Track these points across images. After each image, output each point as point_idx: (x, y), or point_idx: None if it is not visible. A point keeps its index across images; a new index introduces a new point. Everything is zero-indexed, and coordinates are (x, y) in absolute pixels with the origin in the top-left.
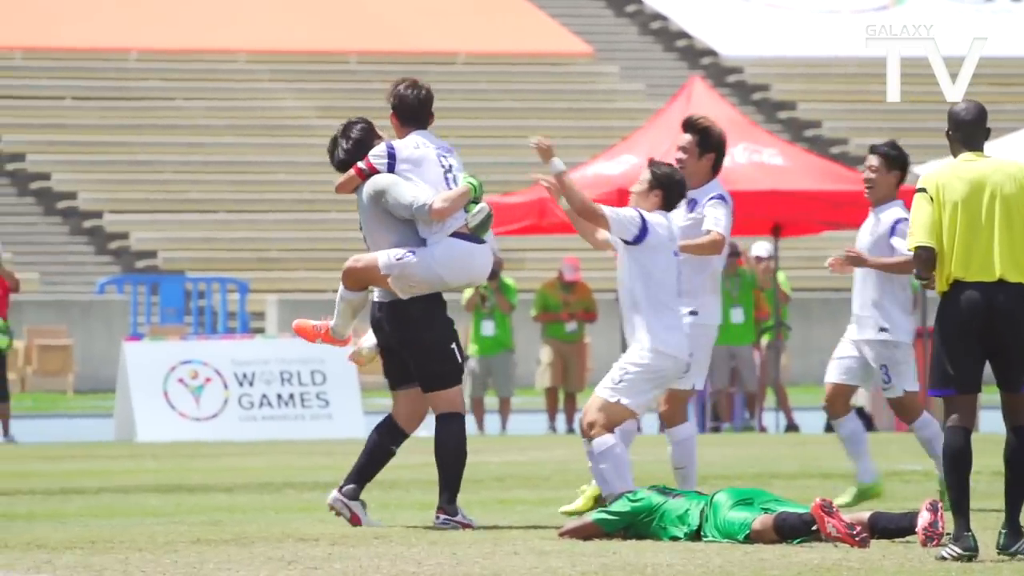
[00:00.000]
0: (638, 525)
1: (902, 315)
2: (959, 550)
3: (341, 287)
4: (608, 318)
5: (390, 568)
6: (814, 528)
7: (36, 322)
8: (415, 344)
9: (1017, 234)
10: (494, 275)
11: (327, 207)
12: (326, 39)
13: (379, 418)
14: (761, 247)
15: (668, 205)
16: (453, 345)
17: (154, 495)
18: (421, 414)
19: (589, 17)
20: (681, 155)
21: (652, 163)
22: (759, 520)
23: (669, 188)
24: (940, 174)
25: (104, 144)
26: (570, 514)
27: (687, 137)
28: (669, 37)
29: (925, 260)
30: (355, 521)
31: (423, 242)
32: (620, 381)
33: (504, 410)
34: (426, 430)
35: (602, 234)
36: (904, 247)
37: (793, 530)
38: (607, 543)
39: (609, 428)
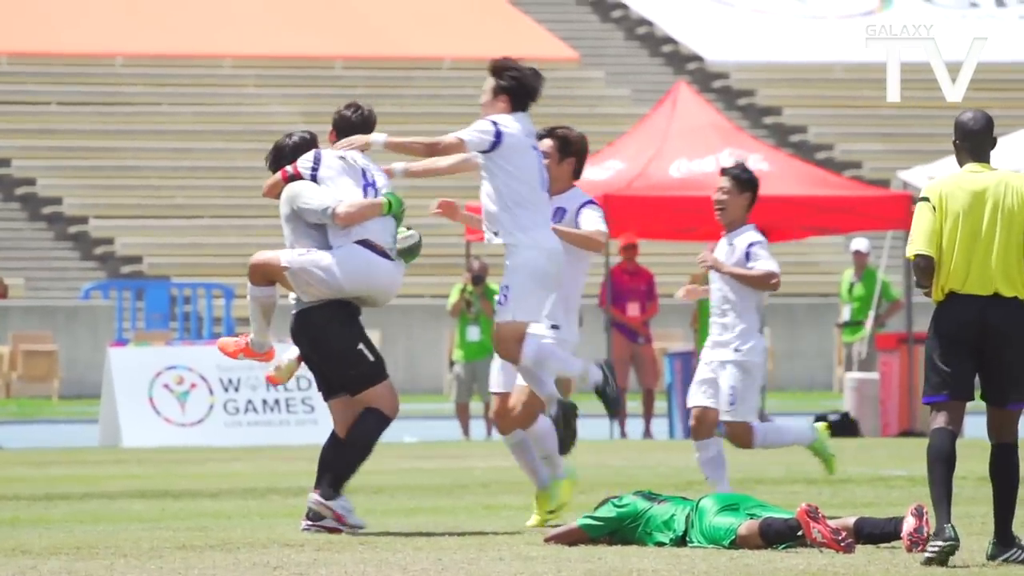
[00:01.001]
0: (624, 530)
1: (761, 339)
2: (940, 543)
3: (249, 285)
4: (593, 322)
5: (375, 573)
6: (799, 533)
7: (21, 327)
8: (322, 351)
9: (1013, 249)
10: (479, 280)
11: None
12: (312, 45)
13: None
14: (860, 243)
15: (517, 107)
16: (361, 346)
17: (139, 501)
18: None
19: (575, 23)
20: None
21: (493, 70)
22: (745, 525)
23: (514, 91)
24: (944, 184)
25: (90, 149)
26: (547, 522)
27: (548, 142)
28: (655, 42)
29: (923, 268)
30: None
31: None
32: (506, 302)
33: (489, 416)
34: (410, 436)
35: (454, 158)
36: (763, 266)
37: (779, 535)
38: (592, 548)
39: (520, 343)
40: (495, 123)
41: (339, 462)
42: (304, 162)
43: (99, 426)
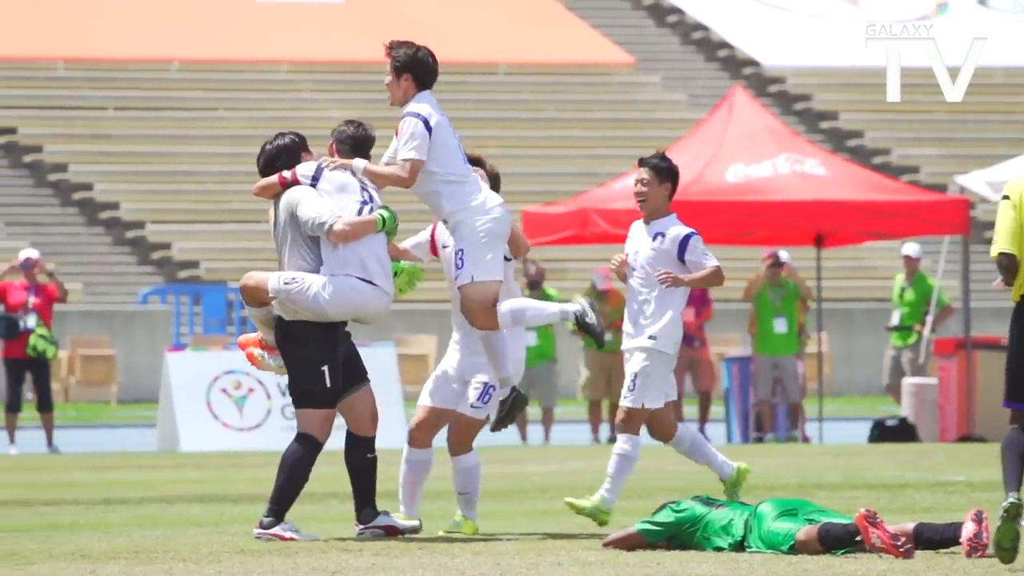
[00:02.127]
0: (682, 535)
1: (674, 328)
2: (1004, 506)
3: (245, 305)
4: None
5: None
6: (858, 539)
7: (79, 332)
8: (287, 357)
9: None
10: (536, 285)
11: None
12: (368, 49)
13: None
14: (911, 247)
15: (421, 84)
16: (325, 368)
17: (197, 505)
18: (370, 412)
19: (631, 27)
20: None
21: (388, 47)
22: (803, 531)
23: (413, 67)
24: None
25: (146, 154)
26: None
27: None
28: (711, 47)
29: (1006, 267)
30: (391, 531)
31: (319, 264)
32: (464, 264)
33: (547, 420)
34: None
35: None
36: (711, 263)
37: (837, 541)
38: (651, 553)
39: (494, 309)
40: (420, 116)
41: (277, 490)
42: (305, 170)
43: (157, 431)
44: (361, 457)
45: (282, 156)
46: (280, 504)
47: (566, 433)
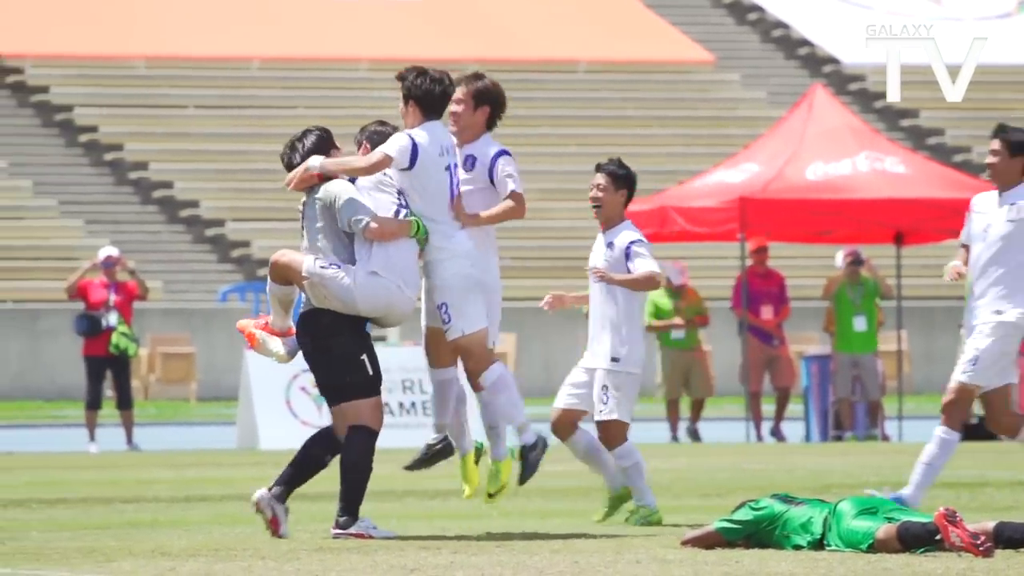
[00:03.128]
0: (760, 534)
1: (637, 343)
2: None
3: (268, 281)
4: (726, 325)
5: None
6: (938, 537)
7: (159, 330)
8: (323, 353)
9: None
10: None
11: None
12: (447, 47)
13: None
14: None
15: (427, 114)
16: (364, 356)
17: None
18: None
19: (711, 25)
20: (456, 107)
21: (398, 76)
22: (883, 529)
23: (418, 97)
24: None
25: (226, 152)
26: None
27: (463, 89)
28: (791, 45)
29: None
30: (274, 524)
31: (353, 260)
32: (451, 319)
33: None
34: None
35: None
36: (644, 267)
37: (917, 539)
38: (729, 552)
39: (488, 351)
40: (412, 139)
41: (346, 488)
42: None
43: (236, 428)
44: (319, 455)
45: (314, 153)
46: (351, 501)
47: (644, 431)
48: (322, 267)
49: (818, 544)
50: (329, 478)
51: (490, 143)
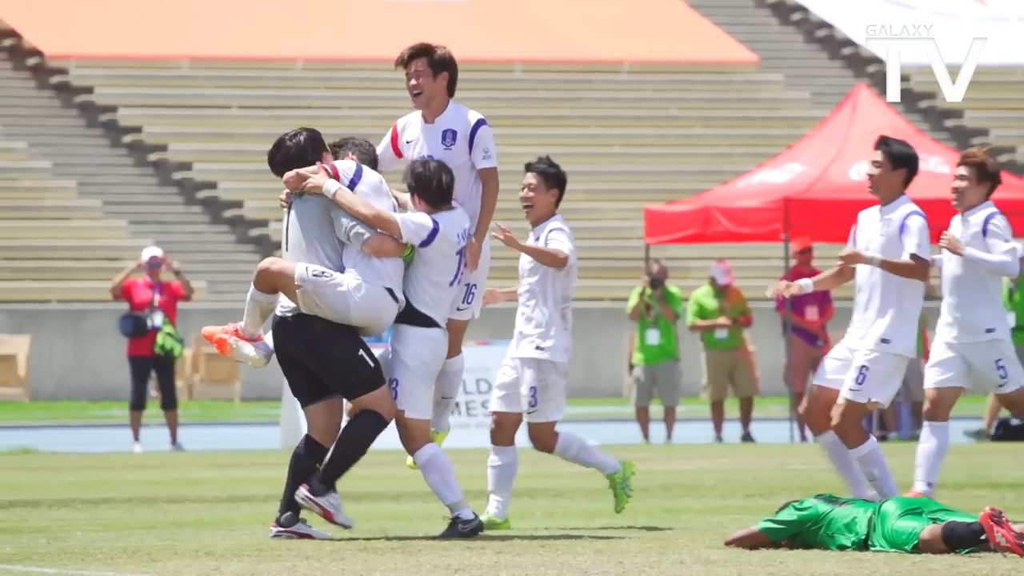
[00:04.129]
0: (805, 534)
1: (565, 337)
2: None
3: (252, 287)
4: (770, 326)
5: None
6: (983, 538)
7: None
8: (323, 359)
9: None
10: (658, 284)
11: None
12: (492, 47)
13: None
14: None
15: (433, 204)
16: (361, 352)
17: None
18: (336, 426)
19: (754, 25)
20: (415, 80)
21: (410, 171)
22: (927, 530)
23: (420, 188)
24: None
25: None
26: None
27: (418, 62)
28: (835, 45)
29: None
30: (306, 536)
31: (342, 268)
32: (398, 393)
33: (669, 419)
34: (590, 439)
35: None
36: (554, 245)
37: (962, 540)
38: (774, 552)
39: (424, 440)
40: (436, 223)
41: (334, 459)
42: (346, 169)
43: (280, 428)
44: (310, 464)
45: (310, 150)
46: (332, 474)
47: (689, 432)
48: (315, 275)
49: (863, 544)
50: (384, 478)
51: (463, 111)
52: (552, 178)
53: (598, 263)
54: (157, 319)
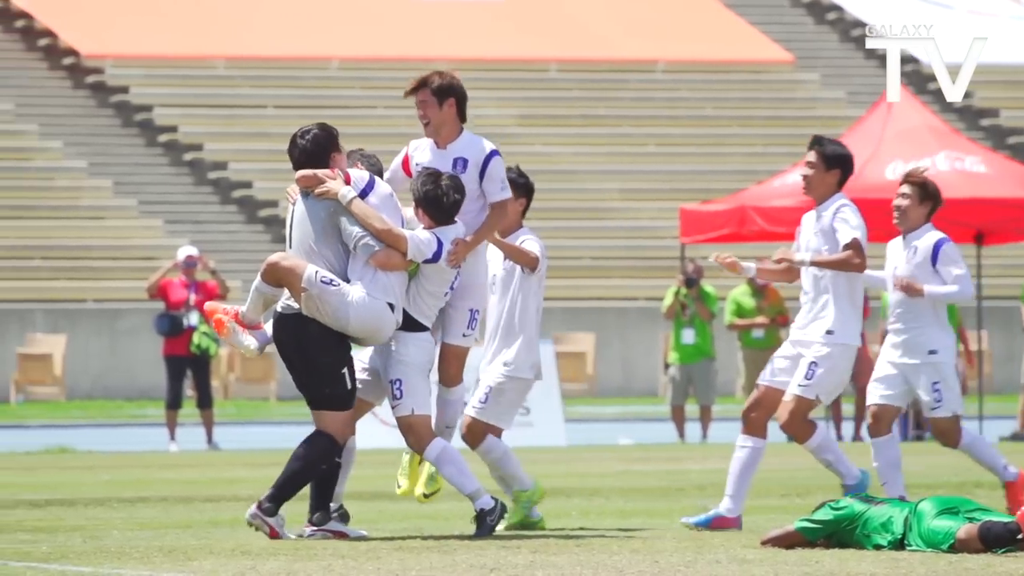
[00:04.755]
0: (841, 533)
1: (528, 351)
2: None
3: (258, 278)
4: None
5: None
6: (1020, 537)
7: None
8: (309, 362)
9: None
10: (694, 283)
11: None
12: (527, 47)
13: (580, 427)
14: None
15: (437, 221)
16: (345, 370)
17: (356, 502)
18: (353, 424)
19: (790, 25)
20: (421, 111)
21: (419, 184)
22: (964, 529)
23: (428, 204)
24: None
25: None
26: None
27: (423, 92)
28: None
29: None
30: (341, 535)
31: (342, 272)
32: (402, 393)
33: (705, 418)
34: (626, 438)
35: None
36: (528, 247)
37: (998, 539)
38: (810, 552)
39: (431, 436)
40: (440, 242)
41: (285, 479)
42: (358, 178)
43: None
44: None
45: (324, 147)
46: (281, 495)
47: (724, 431)
48: (324, 281)
49: (899, 544)
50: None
51: (476, 140)
52: (521, 188)
53: (633, 263)
54: (193, 318)
